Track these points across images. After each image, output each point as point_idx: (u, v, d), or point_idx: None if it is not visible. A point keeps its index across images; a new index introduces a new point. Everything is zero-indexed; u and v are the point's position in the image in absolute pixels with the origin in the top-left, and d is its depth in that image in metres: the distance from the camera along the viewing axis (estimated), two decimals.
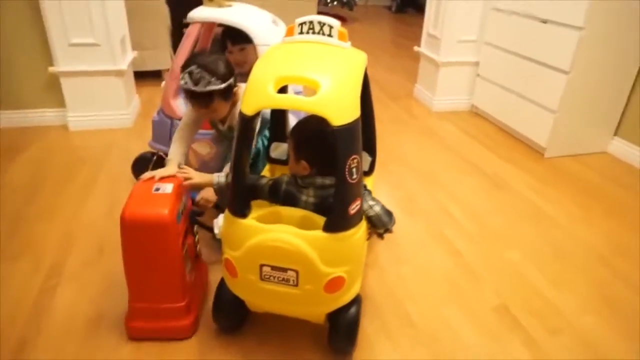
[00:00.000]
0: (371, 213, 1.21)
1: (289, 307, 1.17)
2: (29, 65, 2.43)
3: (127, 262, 1.19)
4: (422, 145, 2.60)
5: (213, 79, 1.30)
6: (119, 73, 2.51)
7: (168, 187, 1.21)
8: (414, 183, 2.18)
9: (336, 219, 1.08)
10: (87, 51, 2.40)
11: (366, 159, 1.50)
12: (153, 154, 1.94)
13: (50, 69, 2.40)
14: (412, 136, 2.72)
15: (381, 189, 2.06)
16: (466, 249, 1.73)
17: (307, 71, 1.04)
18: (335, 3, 6.11)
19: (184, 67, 1.33)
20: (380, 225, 1.24)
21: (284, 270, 1.09)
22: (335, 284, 1.11)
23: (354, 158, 1.04)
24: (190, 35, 1.90)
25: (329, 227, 1.07)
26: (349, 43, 1.19)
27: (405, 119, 2.97)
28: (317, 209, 1.17)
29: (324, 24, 1.14)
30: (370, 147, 1.51)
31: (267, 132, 1.59)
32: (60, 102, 2.52)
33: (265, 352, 1.26)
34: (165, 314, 1.24)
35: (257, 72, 1.07)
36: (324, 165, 1.15)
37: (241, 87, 1.43)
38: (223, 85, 1.32)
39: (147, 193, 1.20)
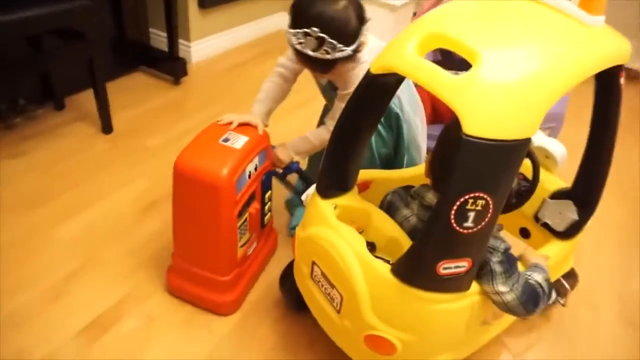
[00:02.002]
0: (496, 299, 0.78)
1: (330, 330, 0.90)
2: None
3: (175, 213, 1.02)
4: None
5: (339, 46, 0.87)
6: (392, 8, 2.38)
7: (239, 141, 0.97)
8: None
9: (414, 267, 0.70)
10: None
11: (567, 213, 0.95)
12: None
13: None
14: None
15: (613, 272, 1.36)
16: None
17: (474, 36, 0.64)
18: None
19: (298, 15, 0.89)
20: (510, 313, 0.79)
21: (332, 285, 0.82)
22: (379, 345, 0.77)
23: (481, 197, 0.62)
24: None
25: (398, 271, 0.72)
26: (600, 18, 0.68)
27: None
28: (412, 237, 0.81)
29: None
30: (588, 199, 0.94)
31: (384, 133, 1.11)
32: None
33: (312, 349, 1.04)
34: (205, 283, 1.05)
35: (415, 23, 0.73)
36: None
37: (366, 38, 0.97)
38: (350, 49, 0.89)
39: (213, 141, 0.97)
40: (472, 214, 0.63)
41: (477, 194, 0.62)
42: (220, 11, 2.24)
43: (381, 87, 0.76)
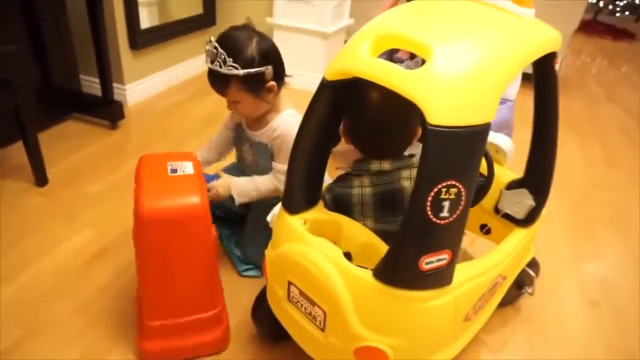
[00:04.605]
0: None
1: (315, 351, 0.86)
2: (252, 14, 2.58)
3: (144, 268, 0.92)
4: None
5: (230, 60, 1.01)
6: (324, 36, 2.45)
7: (187, 167, 0.94)
8: (627, 268, 1.47)
9: (396, 267, 0.69)
10: (301, 8, 2.41)
11: (524, 200, 1.00)
12: None
13: (268, 19, 2.50)
14: None
15: (566, 259, 1.44)
16: None
17: (425, 33, 0.67)
18: (626, 13, 4.83)
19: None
20: None
21: (312, 303, 0.78)
22: (370, 356, 0.74)
23: (453, 185, 0.63)
24: None
25: (381, 274, 0.70)
26: (531, 11, 0.74)
27: None
28: (381, 205, 0.87)
29: None
30: (541, 184, 0.99)
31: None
32: None
33: None
34: (193, 327, 0.98)
35: (365, 27, 0.75)
36: (374, 147, 0.88)
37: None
38: (241, 72, 1.02)
39: (163, 176, 0.91)
40: (446, 204, 0.64)
41: (449, 182, 0.63)
42: (153, 52, 2.19)
43: (338, 93, 0.76)
